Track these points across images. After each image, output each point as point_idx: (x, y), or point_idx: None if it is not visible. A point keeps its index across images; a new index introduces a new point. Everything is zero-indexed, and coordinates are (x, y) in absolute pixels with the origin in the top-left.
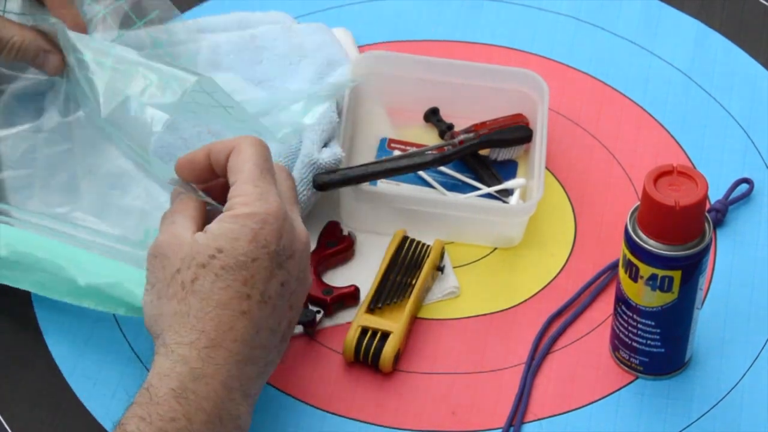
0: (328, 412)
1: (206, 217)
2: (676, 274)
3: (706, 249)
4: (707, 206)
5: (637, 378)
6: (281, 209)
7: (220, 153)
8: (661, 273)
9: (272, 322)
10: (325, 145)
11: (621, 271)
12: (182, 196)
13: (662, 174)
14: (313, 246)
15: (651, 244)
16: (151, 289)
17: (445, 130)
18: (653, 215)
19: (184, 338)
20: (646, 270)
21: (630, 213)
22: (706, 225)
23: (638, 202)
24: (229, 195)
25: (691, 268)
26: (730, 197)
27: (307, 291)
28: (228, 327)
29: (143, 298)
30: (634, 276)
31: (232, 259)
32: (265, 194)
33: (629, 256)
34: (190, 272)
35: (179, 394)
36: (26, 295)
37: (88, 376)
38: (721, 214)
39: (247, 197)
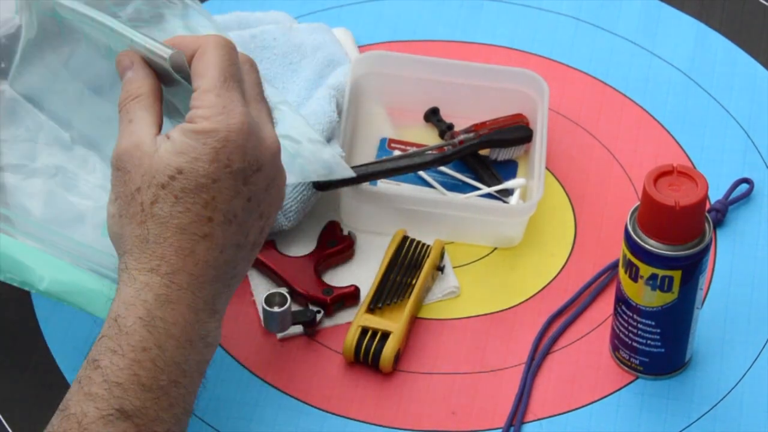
0: (328, 412)
1: (162, 99)
2: (676, 274)
3: (706, 249)
4: (707, 206)
5: (637, 378)
6: (245, 122)
7: (185, 51)
8: (661, 273)
9: (238, 237)
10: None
11: (621, 271)
12: (135, 76)
13: (662, 174)
14: (313, 246)
15: (651, 244)
16: (114, 200)
17: (445, 130)
18: (653, 215)
19: (145, 265)
20: (646, 270)
21: (630, 213)
22: (706, 225)
23: (638, 202)
24: (191, 103)
25: (691, 268)
26: (730, 197)
27: (282, 193)
28: (189, 251)
29: (107, 208)
30: (634, 276)
31: (192, 181)
32: (228, 106)
33: (629, 256)
34: (150, 192)
35: (148, 322)
36: (26, 295)
37: None
38: (721, 214)
39: (208, 110)
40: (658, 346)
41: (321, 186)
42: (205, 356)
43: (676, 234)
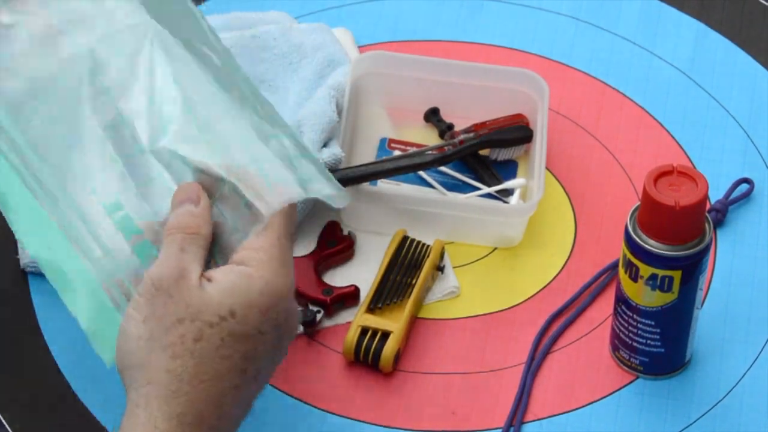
0: (328, 412)
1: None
2: (676, 274)
3: (706, 249)
4: (707, 206)
5: (637, 378)
6: (291, 282)
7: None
8: (661, 273)
9: (255, 390)
10: (325, 145)
11: (621, 271)
12: (199, 214)
13: (662, 174)
14: (313, 246)
15: (651, 244)
16: (142, 321)
17: (445, 130)
18: (653, 215)
19: (172, 409)
20: (646, 270)
21: (630, 213)
22: (707, 225)
23: (638, 202)
24: (248, 243)
25: (691, 268)
26: (731, 197)
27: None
28: (217, 403)
29: (125, 327)
30: (634, 276)
31: (241, 327)
32: (285, 264)
33: (629, 256)
34: (194, 327)
35: None
36: (26, 295)
37: (88, 376)
38: (721, 214)
39: (267, 258)
40: (658, 346)
41: None
42: None
43: (676, 234)
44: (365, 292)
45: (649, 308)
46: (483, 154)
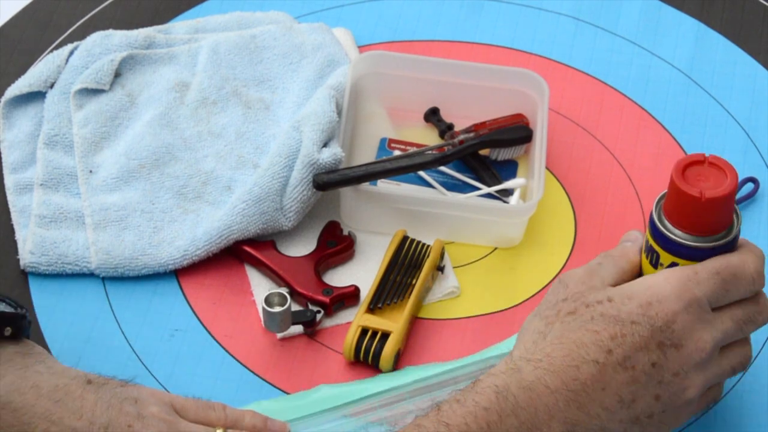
0: None
1: (632, 277)
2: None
3: (731, 242)
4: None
5: None
6: (686, 307)
7: None
8: (681, 263)
9: (625, 391)
10: (325, 145)
11: (642, 256)
12: (628, 246)
13: (693, 163)
14: (313, 246)
15: (675, 233)
16: (545, 301)
17: (445, 130)
18: (678, 204)
19: (530, 355)
20: (666, 257)
21: (656, 200)
22: (735, 218)
23: (665, 190)
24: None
25: None
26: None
27: (683, 408)
28: (574, 364)
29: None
30: (654, 262)
31: (614, 311)
32: (676, 283)
33: (651, 241)
34: (572, 305)
35: (500, 392)
36: (26, 295)
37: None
38: None
39: (663, 276)
40: None
41: (321, 186)
42: None
43: (700, 225)
44: (365, 292)
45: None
46: (483, 154)
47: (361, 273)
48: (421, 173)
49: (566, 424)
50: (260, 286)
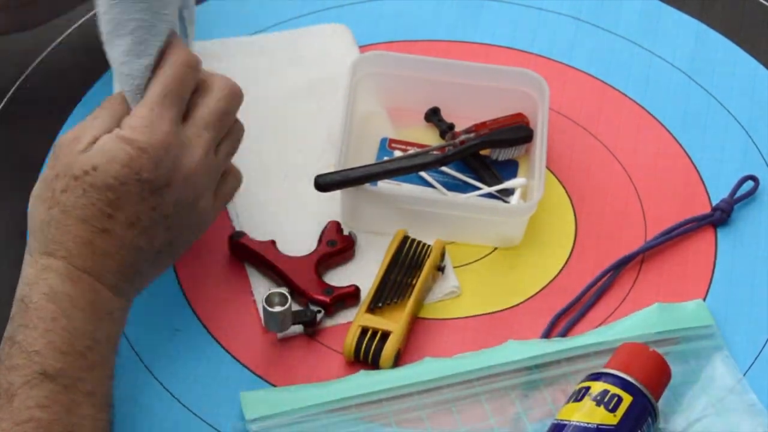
0: None
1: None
2: (627, 398)
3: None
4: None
5: None
6: (166, 141)
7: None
8: (612, 390)
9: (140, 241)
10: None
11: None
12: (119, 96)
13: None
14: (313, 246)
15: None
16: (38, 182)
17: (446, 130)
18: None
19: (44, 248)
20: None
21: None
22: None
23: None
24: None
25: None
26: (735, 195)
27: (200, 219)
28: (87, 241)
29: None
30: (581, 397)
31: (101, 179)
32: (156, 122)
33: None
34: (63, 182)
35: (51, 297)
36: None
37: None
38: (726, 214)
39: (137, 120)
40: None
41: (322, 186)
42: (113, 332)
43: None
44: (365, 292)
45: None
46: (483, 154)
47: (362, 273)
48: (422, 173)
49: (114, 290)
50: (260, 286)
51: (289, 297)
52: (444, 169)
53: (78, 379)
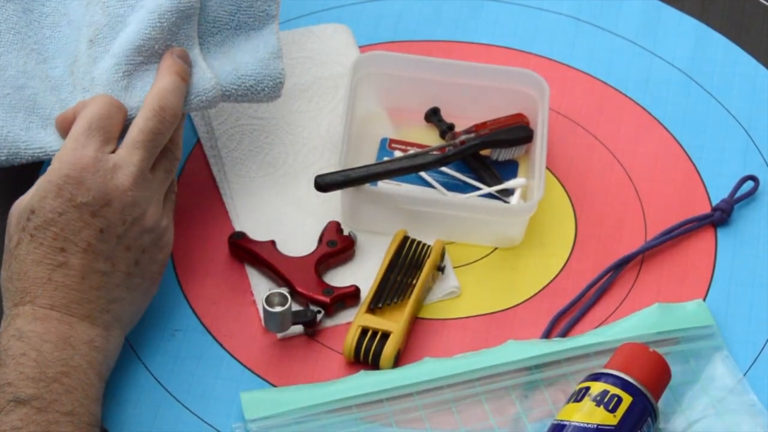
0: None
1: None
2: (627, 399)
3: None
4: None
5: None
6: (88, 161)
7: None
8: (612, 390)
9: (100, 265)
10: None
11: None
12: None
13: None
14: (313, 246)
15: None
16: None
17: (446, 130)
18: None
19: (11, 301)
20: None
21: None
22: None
23: None
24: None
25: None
26: (735, 195)
27: (156, 233)
28: (46, 279)
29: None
30: (581, 398)
31: (41, 218)
32: (78, 149)
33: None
34: (16, 237)
35: (19, 337)
36: None
37: None
38: (726, 214)
39: (61, 153)
40: None
41: (322, 187)
42: (96, 358)
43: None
44: (365, 292)
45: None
46: (483, 154)
47: (362, 273)
48: (422, 173)
49: (90, 320)
50: (260, 286)
51: (289, 297)
52: (444, 169)
53: (53, 401)
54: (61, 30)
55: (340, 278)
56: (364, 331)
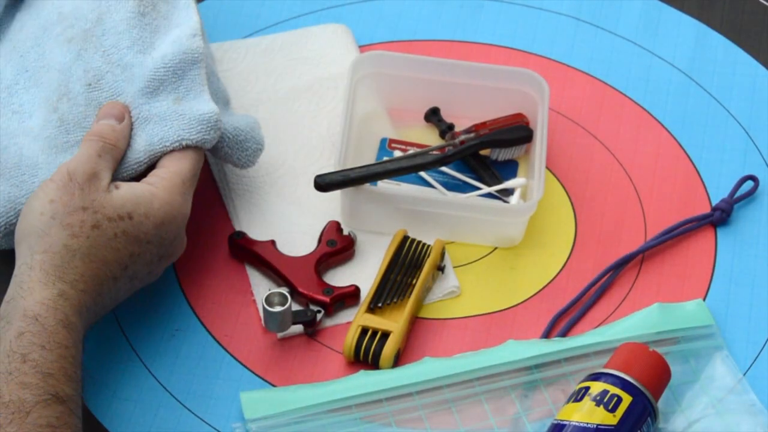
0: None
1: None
2: (627, 399)
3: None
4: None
5: None
6: (186, 217)
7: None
8: (612, 390)
9: (127, 287)
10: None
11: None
12: (122, 129)
13: None
14: (313, 246)
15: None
16: (48, 201)
17: (446, 130)
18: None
19: (67, 275)
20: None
21: None
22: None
23: None
24: (162, 165)
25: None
26: (735, 195)
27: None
28: (99, 283)
29: (29, 199)
30: (581, 398)
31: (135, 230)
32: (184, 196)
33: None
34: (95, 217)
35: (67, 325)
36: None
37: (89, 376)
38: (726, 214)
39: (170, 185)
40: None
41: (322, 186)
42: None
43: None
44: (365, 292)
45: (583, 423)
46: (483, 154)
47: (362, 273)
48: (422, 173)
49: (88, 323)
50: (260, 286)
51: (289, 297)
52: (444, 169)
53: (77, 405)
54: (42, 83)
55: (340, 278)
56: (364, 330)
